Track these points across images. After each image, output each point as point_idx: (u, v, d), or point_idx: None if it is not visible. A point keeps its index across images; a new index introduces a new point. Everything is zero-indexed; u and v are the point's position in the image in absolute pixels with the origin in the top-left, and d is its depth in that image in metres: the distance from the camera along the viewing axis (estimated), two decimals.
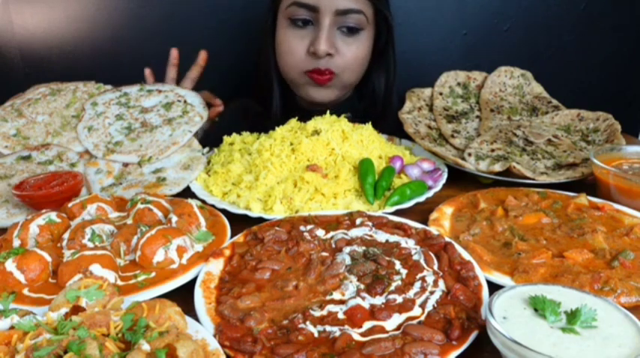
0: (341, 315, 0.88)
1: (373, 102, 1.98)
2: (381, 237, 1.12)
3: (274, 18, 1.86)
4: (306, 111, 1.72)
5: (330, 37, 1.76)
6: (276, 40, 1.86)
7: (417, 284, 0.95)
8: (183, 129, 1.54)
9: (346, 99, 2.00)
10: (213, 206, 1.30)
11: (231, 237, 1.15)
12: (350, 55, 1.80)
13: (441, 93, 1.81)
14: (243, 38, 2.27)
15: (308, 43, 1.77)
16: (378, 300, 0.91)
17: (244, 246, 1.10)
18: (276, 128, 1.51)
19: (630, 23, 2.60)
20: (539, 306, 0.81)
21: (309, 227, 1.14)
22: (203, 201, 1.30)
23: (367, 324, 0.86)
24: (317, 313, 0.89)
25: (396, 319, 0.88)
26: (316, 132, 1.44)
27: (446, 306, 0.90)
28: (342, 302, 0.91)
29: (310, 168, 1.36)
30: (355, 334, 0.84)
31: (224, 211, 1.28)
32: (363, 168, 1.36)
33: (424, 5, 1.83)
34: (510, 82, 1.86)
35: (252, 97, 2.08)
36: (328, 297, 0.93)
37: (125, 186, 1.40)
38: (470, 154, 1.52)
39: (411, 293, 0.93)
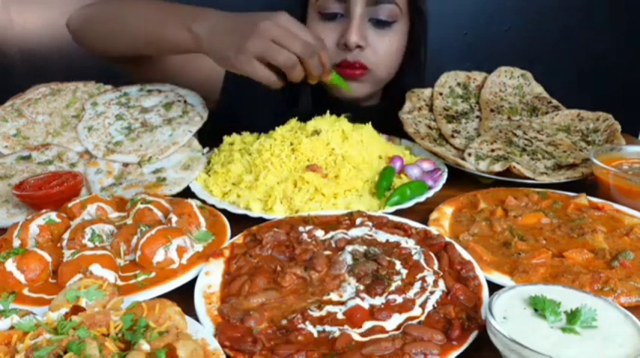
0: (340, 316, 0.88)
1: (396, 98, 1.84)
2: (381, 236, 1.12)
3: (304, 12, 1.79)
4: (338, 104, 1.64)
5: (362, 28, 1.67)
6: None
7: (417, 285, 0.95)
8: (183, 129, 1.54)
9: (376, 104, 1.91)
10: (213, 206, 1.30)
11: (231, 237, 1.15)
12: (382, 48, 1.71)
13: (440, 94, 1.81)
14: None
15: (338, 36, 1.68)
16: (378, 301, 0.92)
17: (243, 247, 1.10)
18: (276, 128, 1.51)
19: (630, 23, 2.61)
20: (539, 306, 0.81)
21: (308, 228, 1.14)
22: (203, 201, 1.30)
23: (367, 324, 0.86)
24: (316, 313, 0.89)
25: (396, 319, 0.88)
26: (316, 132, 1.44)
27: (446, 306, 0.90)
28: (340, 303, 0.91)
29: (310, 168, 1.36)
30: (355, 334, 0.84)
31: (224, 211, 1.28)
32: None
33: None
34: (510, 82, 1.86)
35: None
36: (325, 297, 0.93)
37: (125, 186, 1.40)
38: (470, 154, 1.52)
39: (411, 294, 0.93)
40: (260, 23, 1.27)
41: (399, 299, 0.92)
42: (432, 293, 0.94)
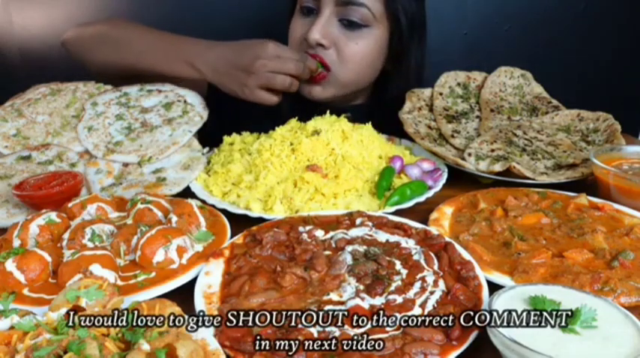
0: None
1: (386, 104, 1.85)
2: (382, 237, 1.12)
3: (292, 8, 1.81)
4: (317, 109, 1.64)
5: (327, 27, 1.67)
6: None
7: (417, 285, 0.95)
8: (183, 129, 1.54)
9: (364, 103, 1.92)
10: (213, 206, 1.30)
11: (231, 237, 1.15)
12: (348, 51, 1.70)
13: (440, 94, 1.81)
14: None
15: (305, 31, 1.70)
16: (378, 301, 0.91)
17: (243, 247, 1.10)
18: (277, 128, 1.51)
19: (630, 23, 2.61)
20: (539, 306, 0.81)
21: (308, 228, 1.14)
22: (203, 201, 1.30)
23: (367, 324, 0.86)
24: (316, 313, 0.89)
25: (396, 319, 0.87)
26: (316, 132, 1.44)
27: (446, 306, 0.90)
28: (340, 303, 0.91)
29: (310, 168, 1.36)
30: (355, 334, 0.84)
31: (224, 211, 1.28)
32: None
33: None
34: (510, 82, 1.86)
35: None
36: (325, 297, 0.93)
37: (125, 186, 1.40)
38: (470, 154, 1.52)
39: (411, 294, 0.93)
40: (255, 63, 1.52)
41: (399, 299, 0.92)
42: (432, 293, 0.94)
